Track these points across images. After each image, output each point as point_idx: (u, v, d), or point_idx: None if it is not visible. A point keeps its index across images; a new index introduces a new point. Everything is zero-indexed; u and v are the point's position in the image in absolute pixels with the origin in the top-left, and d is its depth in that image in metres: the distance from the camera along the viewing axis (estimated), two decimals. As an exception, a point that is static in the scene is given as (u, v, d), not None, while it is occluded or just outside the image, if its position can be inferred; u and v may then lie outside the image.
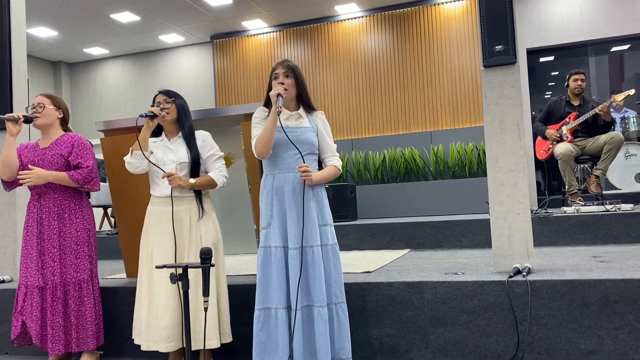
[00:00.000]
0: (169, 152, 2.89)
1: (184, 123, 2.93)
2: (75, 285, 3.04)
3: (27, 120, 3.07)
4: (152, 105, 2.90)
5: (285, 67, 2.64)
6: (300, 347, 2.48)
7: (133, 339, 2.89)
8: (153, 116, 2.82)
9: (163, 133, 2.98)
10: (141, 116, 2.80)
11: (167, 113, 2.88)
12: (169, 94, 2.94)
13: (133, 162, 2.85)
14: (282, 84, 2.60)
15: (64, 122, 3.22)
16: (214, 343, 2.76)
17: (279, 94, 2.50)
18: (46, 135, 3.16)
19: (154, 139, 2.95)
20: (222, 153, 3.01)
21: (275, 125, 2.52)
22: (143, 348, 2.79)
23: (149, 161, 2.84)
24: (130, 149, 2.85)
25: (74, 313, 3.02)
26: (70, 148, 3.10)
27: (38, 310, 2.98)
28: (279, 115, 2.49)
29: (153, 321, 2.78)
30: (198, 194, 2.89)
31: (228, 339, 2.87)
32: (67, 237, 3.05)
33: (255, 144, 2.58)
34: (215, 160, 2.95)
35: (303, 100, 2.69)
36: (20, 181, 2.98)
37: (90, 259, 3.11)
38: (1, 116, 3.04)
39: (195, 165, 2.88)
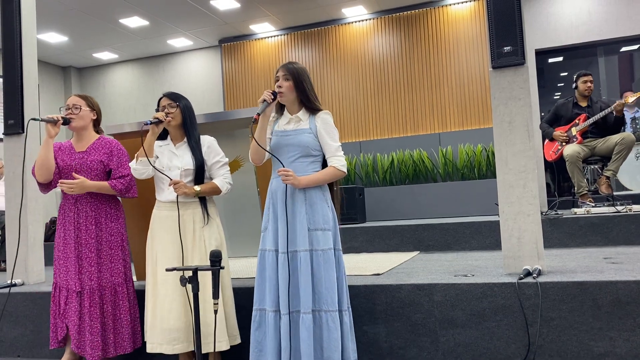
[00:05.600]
0: (174, 158, 2.90)
1: (190, 129, 2.92)
2: (111, 289, 3.04)
3: (65, 122, 3.03)
4: (157, 109, 2.91)
5: (285, 70, 2.62)
6: (287, 352, 2.47)
7: (145, 342, 2.91)
8: (158, 122, 2.82)
9: (168, 137, 2.98)
10: (146, 124, 2.79)
11: (172, 118, 2.89)
12: (173, 97, 2.93)
13: (138, 168, 2.86)
14: (280, 86, 2.60)
15: (96, 123, 3.21)
16: (223, 345, 2.77)
17: (264, 100, 2.53)
18: (80, 136, 3.13)
19: (159, 142, 2.96)
20: (227, 159, 3.01)
21: (264, 132, 2.56)
22: (148, 350, 2.80)
23: (155, 168, 2.85)
24: (136, 155, 2.86)
25: (111, 317, 3.01)
26: (110, 154, 3.09)
27: (76, 316, 2.97)
28: (254, 122, 2.50)
29: (158, 324, 2.80)
30: (202, 200, 2.90)
31: (236, 340, 2.88)
32: (103, 241, 3.05)
33: (249, 151, 2.63)
34: (220, 167, 2.96)
35: (304, 103, 2.66)
36: (63, 189, 2.95)
37: (124, 262, 3.12)
38: (41, 118, 3.02)
39: (200, 172, 2.89)
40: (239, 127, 3.83)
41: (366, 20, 8.84)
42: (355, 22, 8.88)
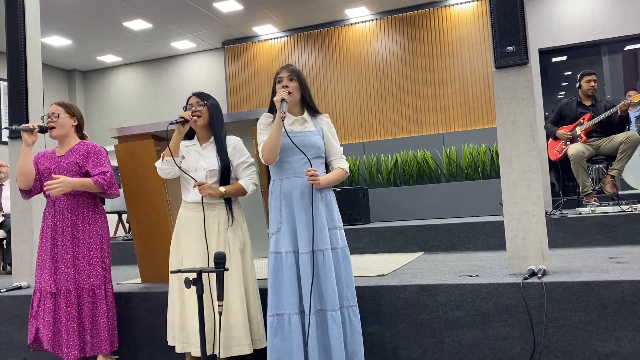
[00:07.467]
0: (200, 159, 2.87)
1: (217, 129, 2.89)
2: (88, 291, 3.07)
3: (43, 130, 3.10)
4: (185, 108, 2.88)
5: (289, 71, 2.64)
6: (315, 351, 2.48)
7: (167, 341, 2.91)
8: (184, 122, 2.78)
9: (195, 137, 2.96)
10: (171, 123, 2.76)
11: (199, 117, 2.85)
12: (201, 96, 2.91)
13: (164, 167, 2.85)
14: (287, 87, 2.60)
15: (79, 129, 3.25)
16: (246, 349, 2.73)
17: (282, 99, 2.52)
18: (62, 143, 3.19)
19: (186, 142, 2.93)
20: (253, 160, 2.97)
21: (281, 130, 2.52)
22: (178, 350, 2.81)
23: (180, 168, 2.84)
24: (162, 154, 2.85)
25: (88, 318, 3.05)
26: (86, 156, 3.12)
27: (50, 316, 3.00)
28: (283, 120, 2.48)
29: (186, 324, 2.80)
30: (228, 201, 2.88)
31: (262, 344, 2.82)
32: (81, 243, 3.08)
33: (261, 150, 2.59)
34: (246, 168, 2.92)
35: (307, 104, 2.69)
36: (49, 191, 2.96)
37: (103, 264, 3.13)
38: (17, 127, 3.09)
39: (225, 173, 2.87)
40: (242, 129, 3.83)
41: (369, 21, 8.84)
42: (358, 23, 8.89)
